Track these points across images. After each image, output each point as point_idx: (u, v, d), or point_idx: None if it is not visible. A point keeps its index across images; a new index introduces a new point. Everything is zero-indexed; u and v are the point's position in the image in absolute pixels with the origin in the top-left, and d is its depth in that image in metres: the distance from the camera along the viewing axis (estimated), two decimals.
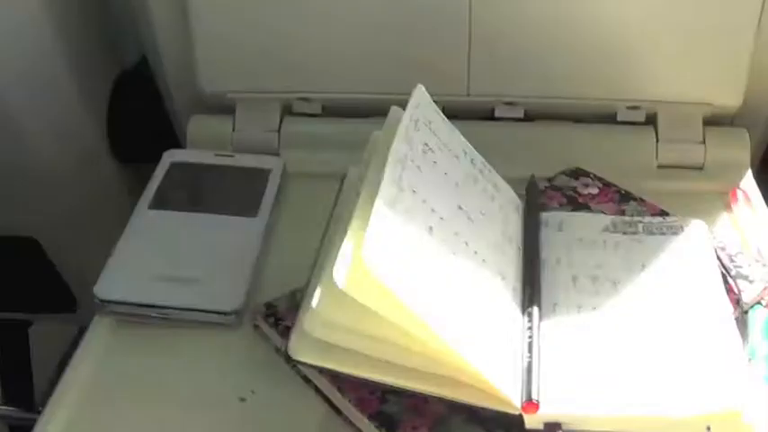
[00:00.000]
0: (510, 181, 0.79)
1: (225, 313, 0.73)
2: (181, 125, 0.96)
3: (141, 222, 0.81)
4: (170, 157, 0.89)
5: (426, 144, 0.70)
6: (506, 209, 0.75)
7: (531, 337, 0.65)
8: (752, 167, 0.88)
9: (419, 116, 0.71)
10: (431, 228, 0.65)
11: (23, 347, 1.26)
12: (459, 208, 0.69)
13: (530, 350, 0.64)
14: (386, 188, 0.62)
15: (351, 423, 0.66)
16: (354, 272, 0.58)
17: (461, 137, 0.75)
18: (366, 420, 0.64)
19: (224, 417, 0.67)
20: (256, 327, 0.73)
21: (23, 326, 1.26)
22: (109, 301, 0.74)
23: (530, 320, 0.66)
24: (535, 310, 0.67)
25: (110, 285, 0.75)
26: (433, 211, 0.66)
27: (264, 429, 0.66)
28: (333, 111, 0.91)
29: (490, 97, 0.90)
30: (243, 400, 0.68)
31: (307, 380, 0.69)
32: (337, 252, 0.59)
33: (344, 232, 0.61)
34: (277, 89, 0.91)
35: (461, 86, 0.89)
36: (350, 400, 0.65)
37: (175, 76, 0.94)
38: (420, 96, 0.72)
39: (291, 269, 0.71)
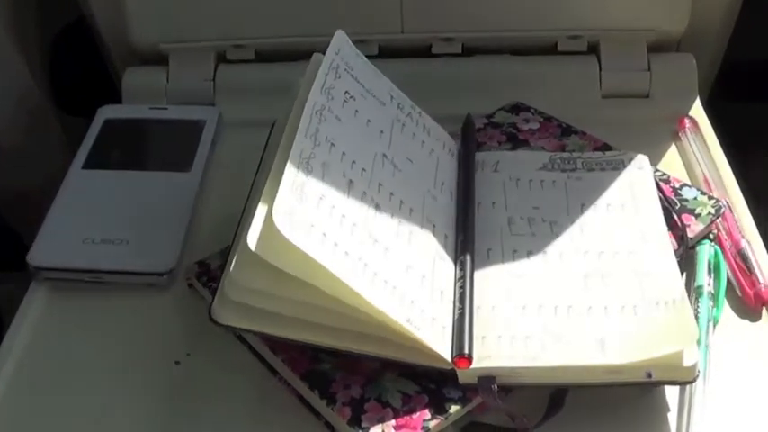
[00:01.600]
0: (450, 119, 0.75)
1: (157, 274, 0.69)
2: (120, 79, 0.91)
3: (74, 184, 0.77)
4: (104, 113, 0.84)
5: (347, 92, 0.65)
6: (438, 153, 0.70)
7: (462, 287, 0.61)
8: (702, 94, 0.83)
9: (339, 63, 0.66)
10: (351, 181, 0.60)
11: None
12: (384, 157, 0.64)
13: (461, 301, 0.60)
14: (300, 144, 0.58)
15: (286, 383, 0.61)
16: (267, 234, 0.54)
17: (388, 81, 0.70)
18: (298, 380, 0.60)
19: (159, 381, 0.63)
20: (191, 285, 0.69)
21: None
22: (42, 268, 0.70)
23: (461, 269, 0.62)
24: (467, 258, 0.62)
25: (42, 252, 0.71)
26: (353, 163, 0.61)
27: (200, 392, 0.62)
28: (267, 56, 0.86)
29: (425, 33, 0.85)
30: (178, 363, 0.64)
31: (242, 339, 0.64)
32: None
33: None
34: (209, 37, 0.86)
35: (395, 24, 0.83)
36: (282, 360, 0.61)
37: (108, 29, 0.89)
38: (340, 42, 0.67)
39: (228, 223, 0.67)
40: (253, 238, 0.54)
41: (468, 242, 0.64)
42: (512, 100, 0.81)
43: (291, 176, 0.56)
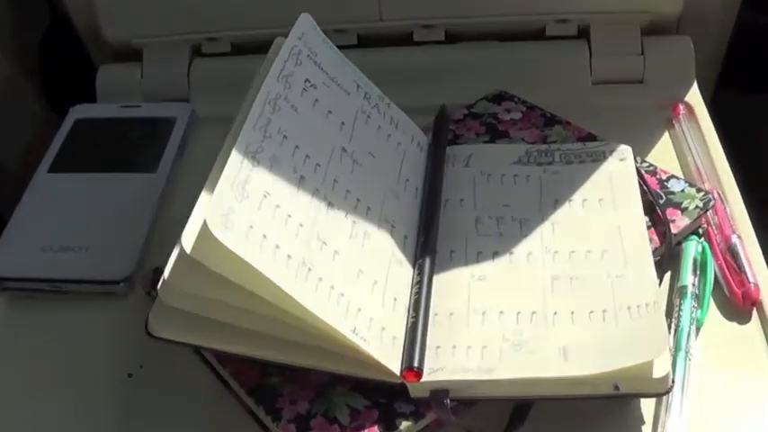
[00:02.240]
0: (433, 110, 0.71)
1: (113, 282, 0.66)
2: None
3: (38, 188, 0.73)
4: (75, 113, 0.80)
5: (308, 80, 0.60)
6: (406, 147, 0.65)
7: (418, 293, 0.56)
8: (708, 81, 0.76)
9: (302, 48, 0.61)
10: (302, 177, 0.55)
11: None
12: (344, 151, 0.59)
13: (415, 308, 0.55)
14: (246, 137, 0.54)
15: (238, 396, 0.57)
16: (202, 235, 0.49)
17: (355, 69, 0.65)
18: (245, 394, 0.56)
19: (110, 395, 0.60)
20: (149, 293, 0.65)
21: None
22: (1, 278, 0.67)
23: (419, 274, 0.57)
24: (426, 261, 0.58)
25: (2, 261, 0.68)
26: (307, 157, 0.56)
27: (150, 408, 0.59)
28: (244, 48, 0.82)
29: (405, 20, 0.79)
30: (130, 375, 0.61)
31: (197, 351, 0.60)
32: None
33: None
34: (183, 30, 0.82)
35: (373, 11, 0.78)
36: (230, 373, 0.57)
37: (84, 27, 0.85)
38: (304, 26, 0.62)
39: None
40: (188, 239, 0.50)
41: (429, 244, 0.59)
42: (498, 89, 0.76)
43: (233, 173, 0.52)
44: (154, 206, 0.71)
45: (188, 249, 0.50)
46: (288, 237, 0.52)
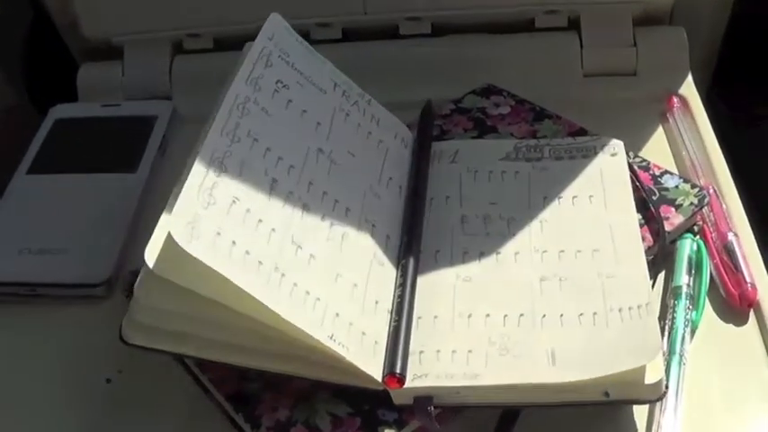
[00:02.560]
0: (421, 105, 0.68)
1: (90, 285, 0.64)
2: None
3: (17, 191, 0.71)
4: (55, 113, 0.78)
5: (280, 81, 0.58)
6: (389, 144, 0.62)
7: (401, 295, 0.53)
8: (699, 72, 0.74)
9: (272, 49, 0.59)
10: (274, 180, 0.53)
11: None
12: (320, 152, 0.57)
13: (398, 312, 0.53)
14: (212, 142, 0.51)
15: (218, 403, 0.55)
16: (166, 248, 0.47)
17: (332, 67, 0.62)
18: (224, 401, 0.53)
19: (87, 400, 0.57)
20: (128, 296, 0.62)
21: None
22: None
23: (402, 275, 0.55)
24: (410, 261, 0.55)
25: None
26: (279, 159, 0.54)
27: (128, 414, 0.56)
28: (226, 44, 0.79)
29: (391, 13, 0.77)
30: (109, 381, 0.59)
31: (176, 356, 0.58)
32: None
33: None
34: (164, 27, 0.79)
35: (357, 4, 0.76)
36: (209, 379, 0.54)
37: (64, 23, 0.83)
38: (274, 27, 0.60)
39: None
40: (151, 253, 0.48)
41: (412, 244, 0.56)
42: (487, 82, 0.73)
43: (199, 179, 0.49)
44: (134, 207, 0.68)
45: (151, 265, 0.47)
46: (259, 242, 0.50)
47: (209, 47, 0.80)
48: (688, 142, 0.67)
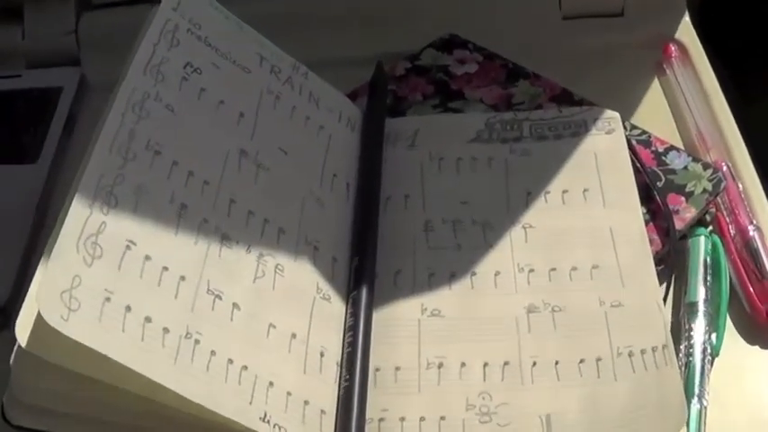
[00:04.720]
0: (367, 63, 0.55)
1: None
2: None
3: None
4: None
5: (189, 64, 0.44)
6: (331, 129, 0.49)
7: (352, 341, 0.41)
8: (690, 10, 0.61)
9: (179, 21, 0.45)
10: (183, 207, 0.40)
11: None
12: (243, 154, 0.44)
13: (349, 366, 0.40)
14: (98, 166, 0.38)
15: None
16: (37, 327, 0.35)
17: (258, 37, 0.49)
18: None
19: None
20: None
21: None
22: None
23: (353, 312, 0.42)
24: (363, 292, 0.42)
25: None
26: (190, 175, 0.41)
27: None
28: None
29: None
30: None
31: None
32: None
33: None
34: None
35: None
36: None
37: None
38: None
39: None
40: (23, 329, 0.35)
41: (364, 267, 0.43)
42: (448, 32, 0.59)
43: (78, 224, 0.36)
44: (33, 209, 0.55)
45: (24, 343, 0.35)
46: (163, 301, 0.37)
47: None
48: (692, 103, 0.54)
